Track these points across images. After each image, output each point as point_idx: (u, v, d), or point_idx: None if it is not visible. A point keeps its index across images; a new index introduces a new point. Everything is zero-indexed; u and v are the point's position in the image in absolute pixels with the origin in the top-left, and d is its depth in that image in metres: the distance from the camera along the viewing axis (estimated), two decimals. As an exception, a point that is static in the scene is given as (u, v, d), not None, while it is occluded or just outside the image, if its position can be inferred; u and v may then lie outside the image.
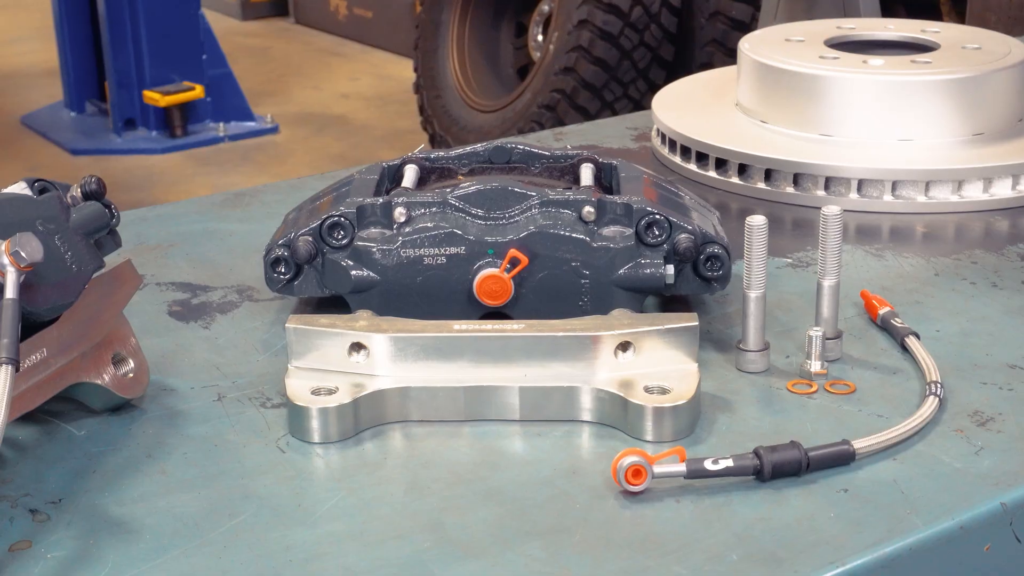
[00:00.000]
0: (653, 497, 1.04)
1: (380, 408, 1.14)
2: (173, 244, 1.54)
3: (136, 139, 6.45)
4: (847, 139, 1.65)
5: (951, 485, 1.05)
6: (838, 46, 1.77)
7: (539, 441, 1.13)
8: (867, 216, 1.59)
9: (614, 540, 0.99)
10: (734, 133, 1.70)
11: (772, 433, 1.13)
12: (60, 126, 6.62)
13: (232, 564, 0.97)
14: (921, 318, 1.32)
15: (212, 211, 1.65)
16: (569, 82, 5.08)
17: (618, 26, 5.06)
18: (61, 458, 1.11)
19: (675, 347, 1.16)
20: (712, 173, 1.68)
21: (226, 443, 1.13)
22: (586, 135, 1.91)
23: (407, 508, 1.03)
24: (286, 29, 8.91)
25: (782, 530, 1.00)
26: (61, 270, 1.08)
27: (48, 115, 6.79)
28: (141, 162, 6.28)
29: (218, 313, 1.37)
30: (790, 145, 1.65)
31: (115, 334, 1.17)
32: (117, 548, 0.98)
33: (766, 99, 1.72)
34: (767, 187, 1.63)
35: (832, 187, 1.60)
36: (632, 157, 1.82)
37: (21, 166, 6.13)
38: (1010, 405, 1.16)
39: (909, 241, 1.53)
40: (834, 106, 1.66)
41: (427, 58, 5.85)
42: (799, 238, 1.54)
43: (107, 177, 5.06)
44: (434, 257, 1.26)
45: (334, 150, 6.37)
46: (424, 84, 5.86)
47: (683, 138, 1.71)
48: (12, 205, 1.07)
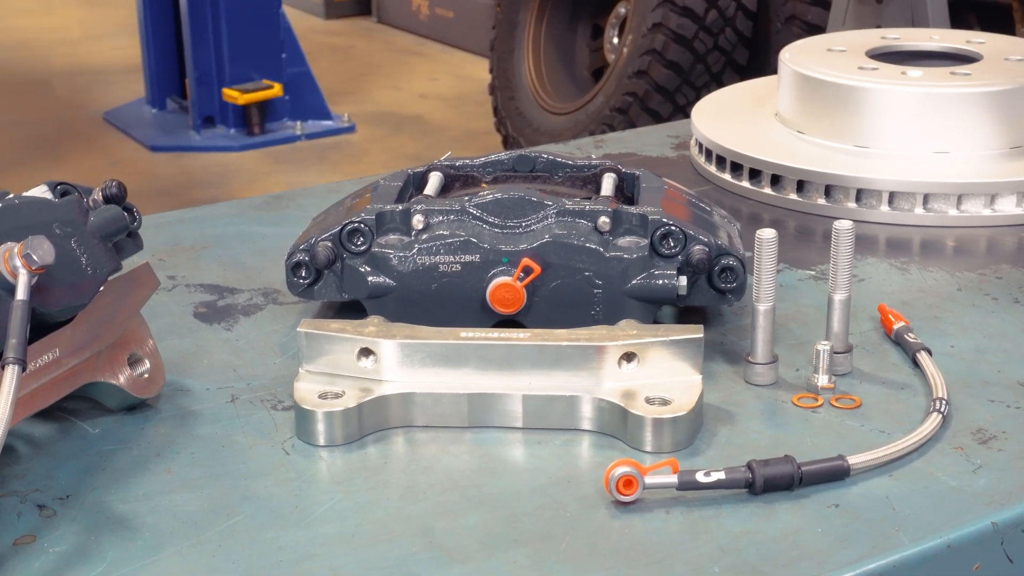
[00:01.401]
0: (644, 508, 1.05)
1: (385, 413, 1.16)
2: (207, 246, 1.57)
3: (214, 136, 6.54)
4: (882, 151, 1.65)
5: (944, 503, 1.04)
6: (879, 57, 1.76)
7: (538, 449, 1.14)
8: (898, 229, 1.59)
9: (599, 549, 1.00)
10: (769, 144, 1.70)
11: (771, 446, 1.13)
12: (141, 122, 6.74)
13: (224, 563, 0.99)
14: (938, 333, 1.32)
15: (249, 213, 1.68)
16: (642, 85, 5.08)
17: (692, 29, 5.05)
18: (74, 455, 1.14)
19: (680, 358, 1.17)
20: (746, 183, 1.69)
21: (233, 444, 1.15)
22: (626, 143, 1.92)
23: (400, 512, 1.05)
24: (369, 28, 8.99)
25: (767, 544, 1.00)
26: (76, 272, 1.11)
27: (130, 111, 6.91)
28: (219, 159, 6.36)
29: (241, 315, 1.40)
30: (823, 156, 1.65)
31: (132, 335, 1.20)
32: (116, 544, 1.01)
33: (803, 109, 1.72)
34: (799, 198, 1.63)
35: (864, 199, 1.60)
36: (670, 166, 1.83)
37: (101, 161, 6.25)
38: (1015, 423, 1.16)
39: (937, 255, 1.53)
40: (870, 117, 1.65)
41: (503, 59, 5.88)
42: (825, 251, 1.53)
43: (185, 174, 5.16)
44: (449, 264, 1.28)
45: (409, 150, 6.41)
46: (499, 85, 5.89)
47: (718, 147, 1.72)
48: (30, 208, 1.11)
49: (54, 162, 6.21)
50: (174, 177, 6.13)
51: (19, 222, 1.09)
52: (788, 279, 1.46)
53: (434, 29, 8.48)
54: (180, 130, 6.65)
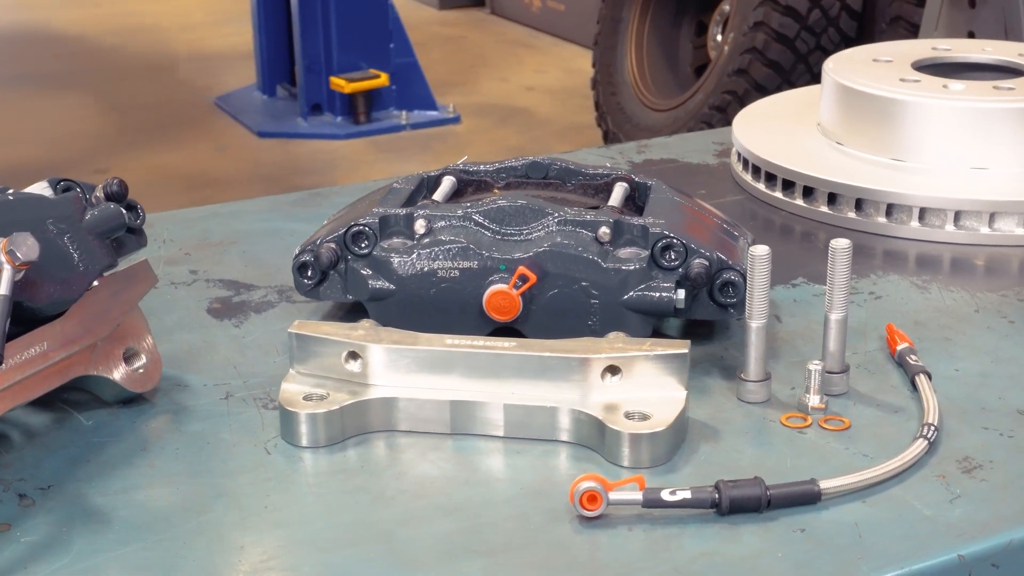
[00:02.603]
0: (608, 523, 1.05)
1: (369, 417, 1.18)
2: (234, 242, 1.60)
3: (321, 124, 6.61)
4: (919, 165, 1.62)
5: (913, 532, 1.03)
6: (925, 69, 1.73)
7: (516, 459, 1.14)
8: (928, 246, 1.56)
9: (555, 564, 1.00)
10: (804, 155, 1.68)
11: (750, 466, 1.12)
12: (250, 108, 6.83)
13: (184, 561, 1.01)
14: (945, 355, 1.30)
15: (282, 210, 1.70)
16: (741, 84, 5.03)
17: (795, 29, 4.98)
18: (63, 446, 1.17)
19: (665, 373, 1.16)
20: (779, 194, 1.67)
21: (219, 441, 1.17)
22: (670, 149, 1.91)
23: (367, 517, 1.06)
24: (482, 20, 9.02)
25: (724, 566, 0.99)
26: (66, 268, 1.14)
27: (240, 97, 7.01)
28: (324, 147, 6.43)
29: (253, 312, 1.42)
30: (857, 169, 1.63)
31: (130, 330, 1.22)
32: (85, 537, 1.04)
33: (842, 120, 1.70)
34: (830, 211, 1.61)
35: (894, 214, 1.57)
36: (709, 174, 1.81)
37: (209, 146, 6.36)
38: (1004, 453, 1.13)
39: (963, 274, 1.50)
40: (907, 131, 1.62)
41: (605, 54, 5.86)
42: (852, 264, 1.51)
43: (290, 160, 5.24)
44: (448, 270, 1.28)
45: (512, 142, 6.42)
46: (601, 80, 5.87)
47: (753, 157, 1.70)
48: (25, 204, 1.13)
49: (163, 145, 6.33)
50: (279, 163, 6.21)
51: (14, 218, 1.12)
52: (803, 294, 1.44)
53: (545, 21, 8.48)
54: (288, 117, 6.73)
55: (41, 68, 7.78)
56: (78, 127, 6.60)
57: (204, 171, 6.06)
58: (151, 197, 5.66)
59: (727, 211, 1.66)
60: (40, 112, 6.88)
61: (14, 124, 6.67)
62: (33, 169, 5.87)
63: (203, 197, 5.52)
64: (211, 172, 6.05)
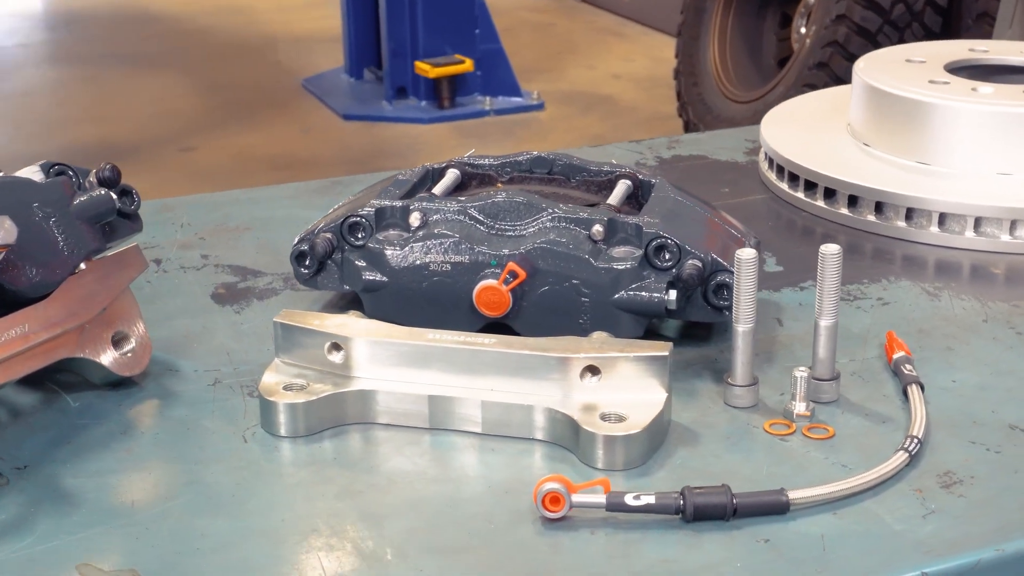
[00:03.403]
0: (571, 526, 1.04)
1: (347, 409, 1.17)
2: (250, 228, 1.61)
3: (406, 108, 6.63)
4: (944, 169, 1.58)
5: (879, 547, 1.00)
6: (957, 71, 1.69)
7: (490, 457, 1.14)
8: (947, 252, 1.52)
9: (509, 565, 0.99)
10: (827, 155, 1.65)
11: (724, 472, 1.10)
12: (336, 91, 6.88)
13: (142, 546, 1.02)
14: (945, 366, 1.27)
15: (303, 197, 1.71)
16: (822, 77, 4.96)
17: (877, 23, 4.91)
18: (47, 427, 1.18)
19: (646, 375, 1.15)
20: (801, 195, 1.64)
21: (198, 428, 1.18)
22: (701, 145, 1.89)
23: (329, 510, 1.06)
24: (573, 7, 8.99)
25: (679, 574, 0.98)
26: (50, 252, 1.15)
27: (327, 80, 7.06)
28: (408, 130, 6.45)
29: (256, 299, 1.42)
30: (879, 172, 1.60)
31: (120, 313, 1.24)
32: (51, 518, 1.05)
33: (870, 121, 1.67)
34: (850, 213, 1.58)
35: (914, 219, 1.54)
36: (736, 171, 1.79)
37: (294, 128, 6.41)
38: (988, 469, 1.10)
39: (977, 282, 1.46)
40: (933, 134, 1.59)
41: (688, 44, 5.82)
42: (864, 269, 1.48)
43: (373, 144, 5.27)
44: (440, 264, 1.28)
45: (595, 131, 6.40)
46: (683, 70, 5.83)
47: (778, 156, 1.68)
48: (10, 188, 1.15)
49: (249, 126, 6.39)
50: (363, 146, 6.25)
51: (2, 202, 1.13)
52: (810, 297, 1.41)
53: (636, 10, 8.44)
54: (373, 100, 6.76)
55: (134, 47, 7.90)
56: (167, 106, 6.69)
57: (288, 152, 6.11)
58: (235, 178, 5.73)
59: (748, 210, 1.64)
60: (130, 91, 6.98)
61: (104, 103, 6.78)
62: (119, 148, 5.96)
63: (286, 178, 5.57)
64: (295, 154, 6.09)
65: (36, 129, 6.32)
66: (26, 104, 6.75)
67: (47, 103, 6.78)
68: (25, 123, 6.42)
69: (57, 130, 6.30)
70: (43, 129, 6.32)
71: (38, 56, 7.89)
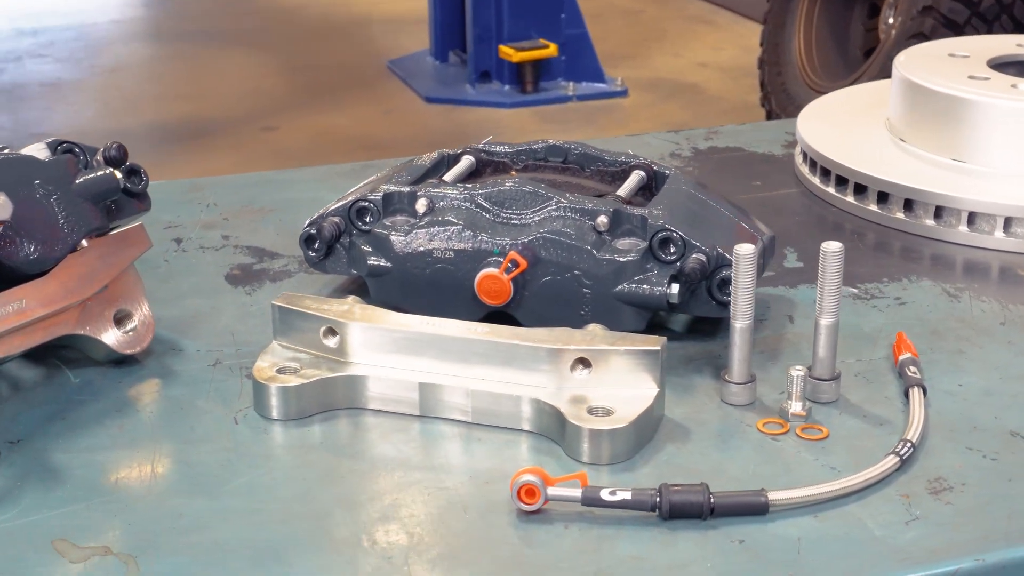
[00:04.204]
0: (548, 519, 1.03)
1: (339, 393, 1.18)
2: (274, 209, 1.61)
3: (488, 92, 6.63)
4: (979, 167, 1.55)
5: (855, 552, 0.99)
6: (1000, 66, 1.65)
7: (476, 447, 1.13)
8: (976, 252, 1.49)
9: (478, 556, 0.99)
10: (860, 150, 1.62)
11: (711, 470, 1.09)
12: (421, 73, 6.90)
13: (121, 523, 1.02)
14: (953, 369, 1.24)
15: (332, 180, 1.71)
16: (905, 70, 4.87)
17: (964, 15, 4.81)
18: (45, 402, 1.19)
19: (638, 370, 1.14)
20: (831, 189, 1.61)
21: (192, 408, 1.19)
22: (739, 137, 1.86)
23: (308, 494, 1.06)
24: (663, -7, 8.93)
25: (650, 571, 0.97)
26: (48, 229, 1.16)
27: (412, 62, 7.08)
28: (489, 114, 6.46)
29: (268, 281, 1.43)
30: (911, 168, 1.56)
31: (124, 292, 1.25)
32: (35, 492, 1.06)
33: (906, 116, 1.63)
34: (879, 210, 1.55)
35: (943, 217, 1.51)
36: (771, 164, 1.76)
37: (376, 109, 6.44)
38: (981, 476, 1.08)
39: (1003, 283, 1.43)
40: (968, 131, 1.55)
41: (773, 33, 5.75)
42: (886, 267, 1.45)
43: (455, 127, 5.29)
44: (443, 252, 1.27)
45: (677, 119, 6.36)
46: (767, 59, 5.76)
47: (811, 150, 1.65)
48: (12, 165, 1.16)
49: (332, 107, 6.43)
50: (443, 129, 6.26)
51: (2, 178, 1.15)
52: (826, 295, 1.39)
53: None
54: (456, 83, 6.77)
55: (225, 25, 7.98)
56: (253, 85, 6.75)
57: (369, 134, 6.14)
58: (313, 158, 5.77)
59: (778, 204, 1.62)
60: (218, 69, 7.06)
61: (191, 80, 6.86)
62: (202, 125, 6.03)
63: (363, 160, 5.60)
64: (376, 135, 6.12)
65: (122, 105, 6.41)
66: (114, 80, 6.85)
67: (135, 79, 6.87)
68: (112, 99, 6.52)
69: (143, 106, 6.39)
70: (129, 105, 6.41)
71: (130, 32, 8.00)
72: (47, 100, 6.54)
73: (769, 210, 1.61)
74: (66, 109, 6.39)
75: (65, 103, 6.49)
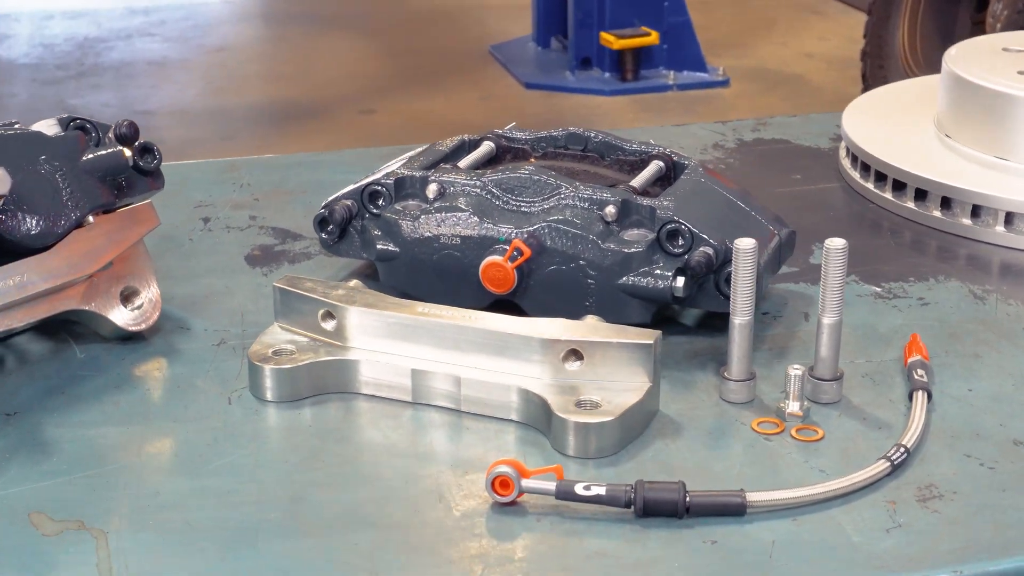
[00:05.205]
0: (521, 511, 1.02)
1: (333, 377, 1.17)
2: (304, 191, 1.62)
3: (588, 79, 6.60)
4: (1022, 166, 1.50)
5: (829, 558, 0.96)
6: (1055, 62, 1.60)
7: (464, 435, 1.12)
8: (1012, 253, 1.44)
9: (443, 545, 0.98)
10: (902, 146, 1.58)
11: (697, 468, 1.07)
12: (522, 59, 6.88)
13: (98, 499, 1.03)
14: (966, 373, 1.20)
15: (368, 163, 1.69)
16: (1008, 65, 4.75)
17: (1073, 9, 4.68)
18: (48, 376, 1.21)
19: (631, 363, 1.12)
20: (870, 185, 1.58)
21: (189, 387, 1.19)
22: (787, 129, 1.83)
23: (287, 477, 1.06)
24: (773, -18, 8.81)
25: (613, 570, 0.95)
26: (52, 204, 1.17)
27: (514, 47, 7.07)
28: (588, 102, 6.43)
29: (287, 263, 1.43)
30: (952, 165, 1.52)
31: (131, 269, 1.26)
32: (22, 465, 1.07)
33: (952, 112, 1.59)
34: (916, 207, 1.51)
35: (981, 216, 1.46)
36: (815, 157, 1.73)
37: (474, 94, 6.45)
38: (974, 485, 1.04)
39: (1035, 287, 1.39)
40: (1012, 127, 1.51)
41: (877, 25, 5.65)
42: (914, 266, 1.42)
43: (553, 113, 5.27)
44: (450, 238, 1.26)
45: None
46: (870, 52, 5.67)
47: (853, 145, 1.61)
48: (18, 141, 1.17)
49: (430, 91, 6.45)
50: (541, 115, 6.24)
51: (7, 153, 1.16)
52: (847, 293, 1.34)
53: (837, -13, 8.23)
54: (557, 70, 6.74)
55: (331, 9, 8.03)
56: (351, 68, 6.79)
57: (465, 119, 6.15)
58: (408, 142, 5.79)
59: (814, 199, 1.59)
60: (320, 51, 7.11)
61: (294, 62, 6.92)
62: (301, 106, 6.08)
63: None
64: (471, 120, 6.12)
65: (225, 84, 6.49)
66: (219, 60, 6.94)
67: (239, 60, 6.95)
68: (216, 78, 6.60)
69: (245, 86, 6.46)
70: (232, 85, 6.49)
71: (240, 13, 8.09)
72: (153, 78, 6.64)
73: (805, 204, 1.58)
74: (170, 87, 6.49)
75: (170, 81, 6.59)
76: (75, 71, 6.78)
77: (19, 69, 6.86)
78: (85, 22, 7.75)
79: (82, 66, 6.88)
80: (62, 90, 6.47)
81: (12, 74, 6.79)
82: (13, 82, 6.66)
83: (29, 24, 7.75)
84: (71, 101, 6.28)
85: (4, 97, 6.44)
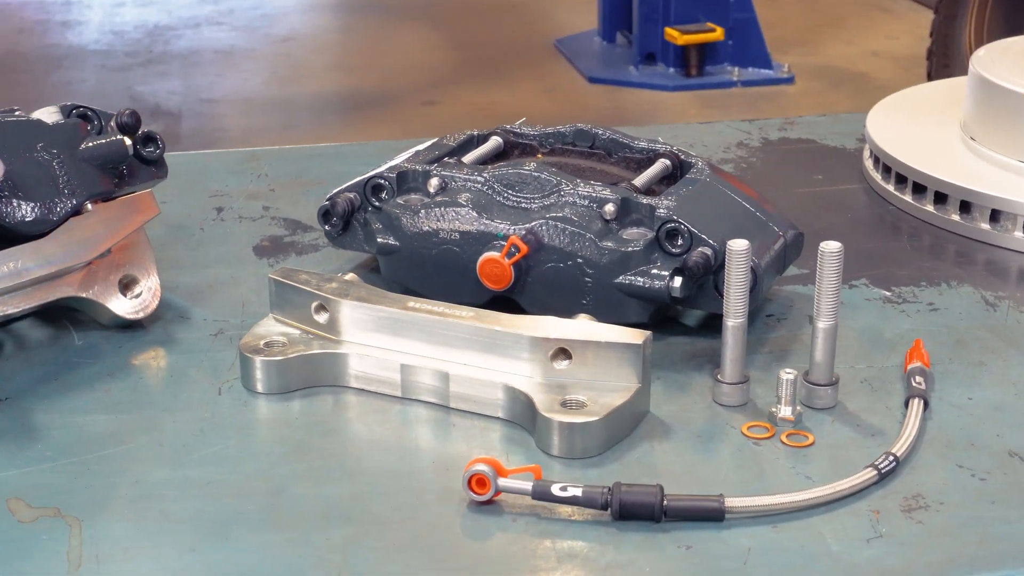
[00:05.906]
0: (498, 510, 1.01)
1: (323, 370, 1.17)
2: (322, 182, 1.61)
3: (652, 74, 6.56)
4: (1048, 170, 1.47)
5: (805, 568, 0.94)
6: (1086, 64, 1.57)
7: (450, 431, 1.12)
8: (1030, 259, 1.42)
9: (416, 542, 0.97)
10: (923, 148, 1.55)
11: (681, 472, 1.06)
12: (586, 53, 6.86)
13: (79, 487, 1.04)
14: (968, 381, 1.18)
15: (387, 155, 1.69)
16: (1076, 66, 4.67)
17: None
18: (44, 362, 1.22)
19: (619, 363, 1.11)
20: (891, 187, 1.55)
21: (181, 376, 1.19)
22: (814, 128, 1.80)
23: (270, 470, 1.06)
24: (843, -21, 8.72)
25: (583, 572, 0.94)
26: (48, 191, 1.18)
27: (579, 41, 7.05)
28: (651, 97, 6.39)
29: (294, 254, 1.43)
30: (973, 169, 1.49)
31: (132, 258, 1.26)
32: (8, 450, 1.08)
33: (977, 114, 1.56)
34: (935, 211, 1.49)
35: (1000, 221, 1.43)
36: (839, 158, 1.70)
37: (537, 87, 6.44)
38: (963, 496, 1.02)
39: (1052, 294, 1.35)
40: (1035, 130, 1.47)
41: (944, 24, 5.57)
42: (927, 271, 1.39)
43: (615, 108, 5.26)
44: (449, 233, 1.26)
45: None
46: (936, 51, 5.59)
47: (875, 146, 1.59)
48: (15, 128, 1.18)
49: (494, 84, 6.44)
50: (603, 110, 6.22)
51: (3, 140, 1.17)
52: (855, 297, 1.33)
53: (907, -15, 8.12)
54: (621, 64, 6.71)
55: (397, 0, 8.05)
56: (415, 59, 6.80)
57: (527, 112, 6.10)
58: (469, 132, 5.79)
59: (833, 200, 1.56)
60: (385, 42, 7.13)
61: (359, 52, 6.94)
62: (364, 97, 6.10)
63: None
64: (533, 113, 6.09)
65: (290, 74, 6.53)
66: (285, 49, 6.98)
67: (305, 50, 6.98)
68: (281, 68, 6.64)
69: (310, 76, 6.49)
70: (296, 74, 6.52)
71: (307, 4, 8.13)
72: (219, 67, 6.69)
73: (825, 205, 1.55)
74: (236, 76, 6.53)
75: (236, 70, 6.63)
76: (143, 58, 6.85)
77: (89, 55, 6.94)
78: (155, 10, 7.83)
79: (150, 53, 6.94)
80: (130, 77, 6.54)
81: (83, 60, 6.87)
82: (83, 68, 6.74)
83: (101, 11, 7.84)
84: (138, 88, 6.35)
85: (74, 83, 6.52)
